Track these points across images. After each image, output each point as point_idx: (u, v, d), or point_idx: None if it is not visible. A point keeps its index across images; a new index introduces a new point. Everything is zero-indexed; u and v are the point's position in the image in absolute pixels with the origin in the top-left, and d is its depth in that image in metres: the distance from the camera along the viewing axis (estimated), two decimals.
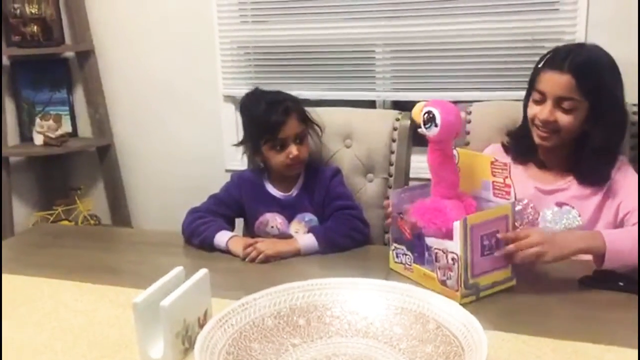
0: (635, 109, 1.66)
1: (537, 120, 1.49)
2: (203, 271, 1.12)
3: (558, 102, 1.45)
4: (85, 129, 2.88)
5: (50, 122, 2.67)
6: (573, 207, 1.50)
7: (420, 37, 2.36)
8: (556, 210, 1.51)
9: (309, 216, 1.67)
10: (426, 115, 1.25)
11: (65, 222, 2.71)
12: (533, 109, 1.50)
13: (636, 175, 1.51)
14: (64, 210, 2.74)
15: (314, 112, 1.74)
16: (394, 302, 1.09)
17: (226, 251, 1.54)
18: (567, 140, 1.50)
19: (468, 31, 2.28)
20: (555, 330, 1.11)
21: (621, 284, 1.29)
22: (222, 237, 1.56)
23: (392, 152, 1.76)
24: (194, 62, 2.67)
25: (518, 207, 1.50)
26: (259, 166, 1.73)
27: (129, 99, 2.80)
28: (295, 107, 1.65)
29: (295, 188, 1.70)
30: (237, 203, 1.71)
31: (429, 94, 2.38)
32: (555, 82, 1.44)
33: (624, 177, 1.50)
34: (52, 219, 2.70)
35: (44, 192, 2.89)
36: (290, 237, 1.61)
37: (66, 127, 2.80)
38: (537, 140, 1.51)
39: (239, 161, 2.00)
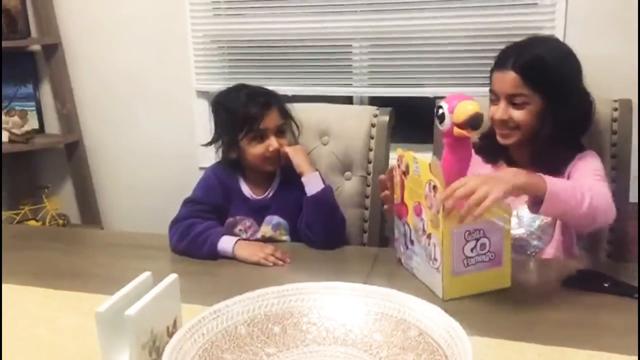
0: (615, 104, 1.64)
1: (494, 120, 1.49)
2: (172, 276, 1.06)
3: (509, 100, 1.46)
4: (52, 125, 2.78)
5: (15, 118, 2.57)
6: None
7: (398, 32, 2.31)
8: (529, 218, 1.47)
9: (276, 219, 1.62)
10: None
11: (33, 222, 2.61)
12: (490, 110, 1.51)
13: (595, 159, 1.48)
14: (31, 210, 2.64)
15: (292, 109, 1.69)
16: (373, 308, 1.04)
17: (232, 258, 1.46)
18: (529, 136, 1.48)
19: (447, 26, 2.24)
20: (541, 335, 1.07)
21: (606, 285, 1.26)
22: (226, 244, 1.47)
23: (370, 150, 1.71)
24: (165, 56, 2.59)
25: None
26: (232, 163, 1.65)
27: (98, 93, 2.71)
28: (276, 100, 1.61)
29: (270, 189, 1.64)
30: (217, 206, 1.61)
31: (407, 89, 2.35)
32: (502, 81, 1.46)
33: (583, 160, 1.49)
34: (18, 218, 2.60)
35: (10, 191, 2.78)
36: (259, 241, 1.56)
37: (32, 123, 2.70)
38: (500, 140, 1.52)
39: (213, 159, 1.93)
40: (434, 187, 1.21)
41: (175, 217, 1.57)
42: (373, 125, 1.71)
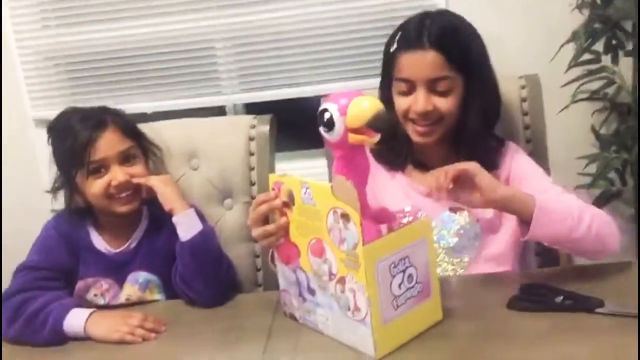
0: (522, 82, 1.43)
1: (412, 114, 1.22)
2: None
3: (431, 86, 1.20)
4: None
5: None
6: (469, 212, 1.25)
7: (264, 27, 2.01)
8: (449, 218, 1.23)
9: (144, 276, 1.26)
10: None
11: None
12: (403, 102, 1.23)
13: (528, 157, 1.31)
14: None
15: (150, 129, 1.35)
16: None
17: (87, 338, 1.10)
18: (450, 130, 1.25)
19: (318, 14, 1.98)
20: None
21: (558, 300, 1.03)
22: (74, 321, 1.10)
23: (251, 169, 1.40)
24: None
25: (406, 219, 1.21)
26: (78, 210, 1.28)
27: None
28: (115, 120, 1.24)
29: (133, 238, 1.28)
30: (64, 270, 1.24)
31: (285, 91, 2.07)
32: (419, 63, 1.18)
33: (518, 163, 1.28)
34: None
35: None
36: (120, 306, 1.21)
37: None
38: (416, 138, 1.25)
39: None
40: (343, 215, 0.92)
41: (4, 292, 1.18)
42: (251, 139, 1.40)
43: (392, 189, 1.30)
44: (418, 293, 0.98)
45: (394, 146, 1.30)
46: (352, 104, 0.94)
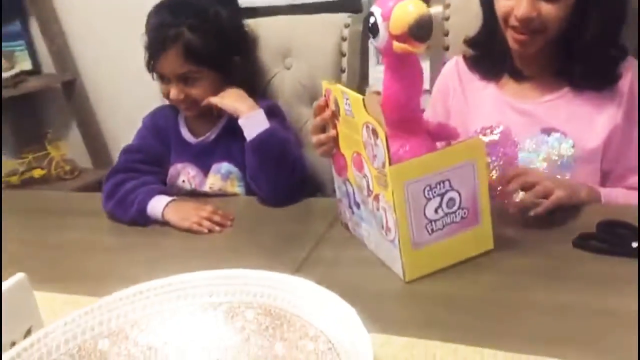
0: None
1: (512, 19, 1.05)
2: (17, 277, 0.81)
3: None
4: (49, 64, 2.56)
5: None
6: (565, 135, 1.08)
7: None
8: (540, 140, 1.09)
9: (226, 167, 1.31)
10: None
11: (38, 171, 2.45)
12: (504, 4, 1.06)
13: None
14: (35, 158, 2.48)
15: (249, 26, 1.36)
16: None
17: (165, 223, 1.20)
18: (551, 41, 1.08)
19: None
20: (525, 332, 0.75)
21: (635, 245, 0.89)
22: (156, 205, 1.20)
23: (342, 71, 1.35)
24: None
25: (488, 138, 1.09)
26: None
27: (89, 22, 2.43)
28: (186, 39, 1.21)
29: (214, 130, 1.33)
30: (157, 155, 1.35)
31: None
32: None
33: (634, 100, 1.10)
34: (22, 169, 2.45)
35: (11, 141, 2.63)
36: (204, 195, 1.27)
37: (24, 64, 2.49)
38: (514, 46, 1.09)
39: None
40: (374, 130, 0.86)
41: (111, 169, 1.32)
42: (344, 39, 1.34)
43: (482, 100, 1.18)
44: (461, 219, 0.91)
45: (491, 53, 1.17)
46: (396, 8, 0.85)
